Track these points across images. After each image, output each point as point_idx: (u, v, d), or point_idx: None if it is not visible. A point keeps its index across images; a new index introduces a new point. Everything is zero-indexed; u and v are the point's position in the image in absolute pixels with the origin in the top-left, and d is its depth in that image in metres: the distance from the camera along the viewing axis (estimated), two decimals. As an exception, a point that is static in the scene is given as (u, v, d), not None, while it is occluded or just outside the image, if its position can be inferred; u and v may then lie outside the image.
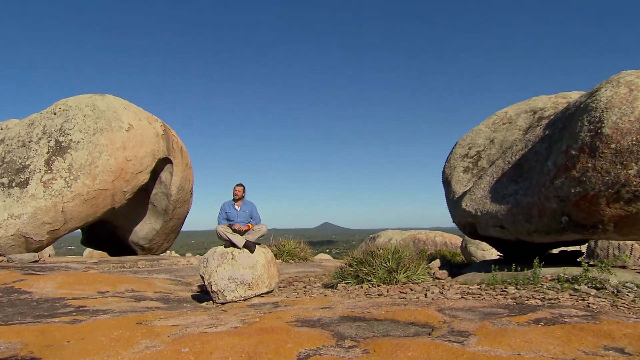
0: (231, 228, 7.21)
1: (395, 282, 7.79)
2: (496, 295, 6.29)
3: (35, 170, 13.21)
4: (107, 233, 17.48)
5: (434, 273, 9.19)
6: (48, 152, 13.54)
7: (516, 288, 6.68)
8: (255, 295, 6.87)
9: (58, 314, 5.62)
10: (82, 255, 25.63)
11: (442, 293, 6.70)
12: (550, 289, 6.40)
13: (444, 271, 9.55)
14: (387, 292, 7.14)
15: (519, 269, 7.69)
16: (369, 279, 7.94)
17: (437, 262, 12.23)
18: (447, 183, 10.69)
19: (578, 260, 9.18)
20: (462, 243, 20.35)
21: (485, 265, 9.18)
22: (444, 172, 11.11)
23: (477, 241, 16.10)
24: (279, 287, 8.77)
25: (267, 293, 7.11)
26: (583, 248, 14.12)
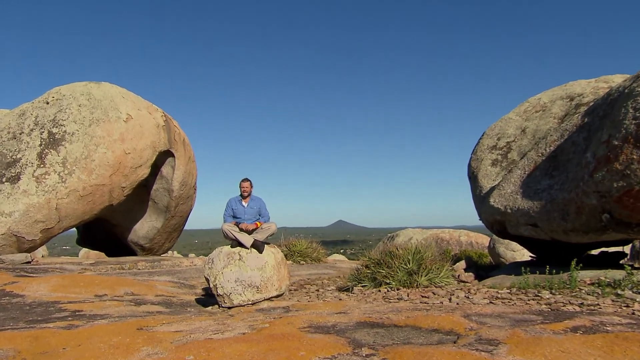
0: (238, 226, 7.24)
1: (417, 285, 7.78)
2: (528, 300, 6.23)
3: (27, 165, 13.38)
4: (105, 232, 17.68)
5: (458, 276, 9.15)
6: (40, 145, 13.70)
7: (551, 293, 6.61)
8: (265, 299, 6.90)
9: (52, 318, 5.70)
10: (78, 256, 26.07)
11: (468, 297, 6.66)
12: (589, 294, 6.32)
13: (470, 274, 9.50)
14: (408, 296, 7.12)
15: (553, 271, 7.61)
16: (388, 281, 7.93)
17: (462, 264, 12.16)
18: (473, 177, 10.62)
19: (621, 262, 9.05)
20: (489, 243, 20.20)
21: (516, 268, 9.11)
22: (469, 165, 11.03)
23: (507, 241, 15.96)
24: (290, 290, 8.79)
25: (277, 297, 7.13)
26: (626, 249, 13.92)
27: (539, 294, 6.52)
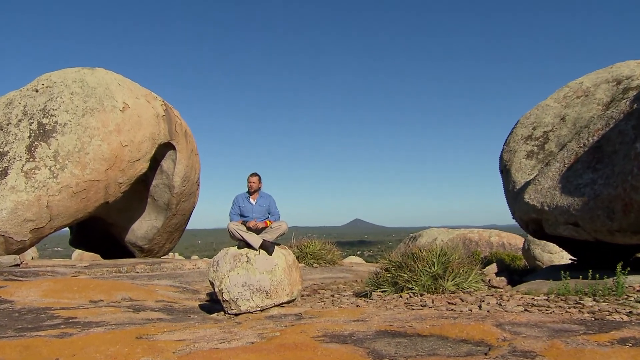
0: (245, 225, 7.25)
1: (442, 290, 7.75)
2: (569, 308, 6.17)
3: (15, 158, 13.53)
4: (100, 232, 17.87)
5: (489, 280, 9.10)
6: (30, 137, 13.85)
7: (594, 300, 6.54)
8: (275, 305, 6.91)
9: (44, 326, 5.78)
10: (71, 258, 26.39)
11: (500, 304, 6.62)
12: (639, 302, 6.24)
13: (502, 278, 9.45)
14: (432, 302, 7.10)
15: (597, 276, 7.52)
16: (410, 286, 7.91)
17: (493, 267, 12.09)
18: (505, 171, 10.54)
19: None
20: (524, 244, 20.02)
21: (554, 272, 9.03)
22: (501, 157, 10.95)
23: (543, 242, 15.79)
24: (302, 295, 8.80)
25: (288, 302, 7.15)
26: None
27: (581, 301, 6.45)
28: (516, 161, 10.29)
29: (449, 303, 7.02)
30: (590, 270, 7.81)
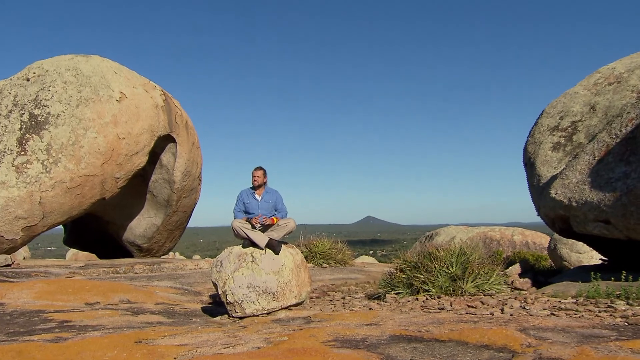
0: (251, 223, 7.26)
1: (461, 293, 7.75)
2: (599, 312, 6.14)
3: (5, 152, 13.62)
4: (96, 230, 17.98)
5: (512, 282, 9.08)
6: (21, 129, 13.94)
7: (627, 303, 6.50)
8: (282, 308, 6.93)
9: (37, 330, 5.82)
10: (65, 258, 26.60)
11: (524, 308, 6.60)
12: (674, 305, 6.19)
13: (526, 279, 9.42)
14: (451, 305, 7.10)
15: (630, 278, 7.47)
16: (427, 288, 7.91)
17: (516, 268, 12.04)
18: (530, 164, 10.49)
19: None
20: (549, 243, 19.90)
21: (583, 273, 8.99)
22: (525, 150, 10.90)
23: (571, 241, 15.70)
24: (311, 298, 8.81)
25: (296, 305, 7.16)
26: None
27: (613, 305, 6.42)
28: (541, 154, 10.23)
29: (469, 306, 7.01)
30: (623, 272, 7.76)
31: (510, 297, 7.51)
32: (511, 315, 6.13)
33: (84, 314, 6.86)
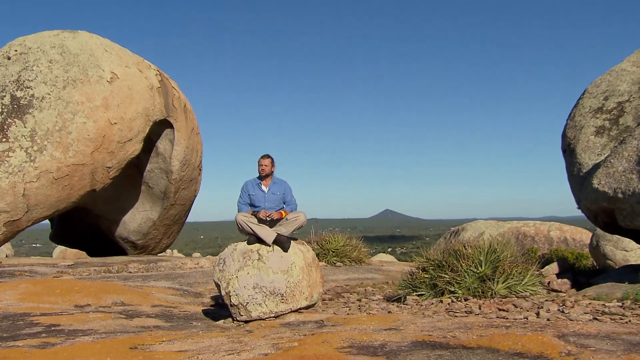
0: (257, 216, 7.27)
1: (491, 294, 7.74)
2: (648, 316, 6.10)
3: (-13, 139, 13.72)
4: (86, 225, 18.10)
5: (549, 283, 9.05)
6: (1, 113, 14.00)
7: (680, 306, 6.45)
8: (291, 311, 6.95)
9: (22, 335, 5.88)
10: (52, 256, 26.87)
11: (562, 312, 6.58)
12: None
13: (565, 280, 9.37)
14: (480, 308, 7.09)
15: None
16: (452, 289, 7.91)
17: (553, 267, 11.97)
18: (569, 151, 10.42)
19: None
20: (591, 240, 19.78)
21: (630, 273, 8.94)
22: (564, 135, 10.82)
23: (616, 237, 15.60)
24: (324, 299, 8.83)
25: (307, 308, 7.18)
26: None
27: (663, 309, 6.38)
28: (583, 139, 10.15)
29: (500, 309, 6.99)
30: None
31: (546, 300, 7.48)
32: (548, 319, 6.11)
33: (74, 317, 6.92)
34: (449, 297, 7.79)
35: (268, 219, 7.27)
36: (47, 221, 16.89)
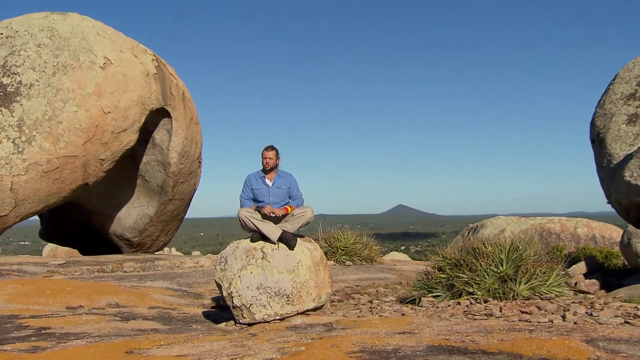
0: (260, 212, 7.27)
1: (513, 296, 7.73)
2: (684, 319, 6.08)
3: (-28, 129, 13.77)
4: (78, 221, 18.18)
5: (576, 284, 9.03)
6: (-11, 102, 14.07)
7: None
8: (298, 313, 6.95)
9: (10, 339, 5.90)
10: (42, 254, 26.98)
11: (591, 315, 6.56)
12: None
13: (594, 281, 9.35)
14: (500, 311, 7.08)
15: None
16: (471, 290, 7.91)
17: (580, 267, 11.96)
18: (598, 141, 10.37)
19: None
20: (622, 237, 19.67)
21: (663, 273, 8.90)
22: (593, 123, 10.77)
23: (649, 234, 15.50)
24: (332, 301, 8.83)
25: (314, 310, 7.18)
26: None
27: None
28: (613, 128, 10.11)
29: (523, 312, 6.98)
30: None
31: (573, 302, 7.45)
32: (575, 323, 6.09)
33: (65, 319, 6.95)
34: (467, 299, 7.78)
35: (272, 214, 7.27)
36: (36, 217, 16.97)
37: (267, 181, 7.52)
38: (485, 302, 7.62)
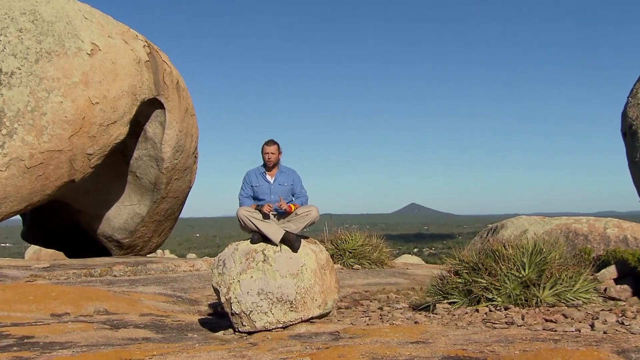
0: (261, 210, 7.26)
1: (536, 302, 7.72)
2: None
3: (-50, 122, 13.81)
4: (63, 221, 18.22)
5: (605, 289, 9.00)
6: (-33, 92, 14.10)
7: None
8: (302, 321, 6.95)
9: (-8, 347, 5.93)
10: (24, 257, 27.06)
11: (622, 323, 6.55)
12: None
13: (625, 287, 9.32)
14: (522, 319, 7.07)
15: None
16: (490, 296, 7.90)
17: (610, 272, 11.90)
18: (630, 134, 10.34)
19: None
20: (655, 239, 19.67)
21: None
22: (625, 115, 10.73)
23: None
24: (339, 307, 8.83)
25: (320, 317, 7.18)
26: None
27: None
28: (646, 119, 10.08)
29: (547, 320, 6.97)
30: None
31: (603, 309, 7.44)
32: (605, 332, 6.08)
33: (50, 327, 6.96)
34: (486, 306, 7.77)
35: (274, 213, 7.26)
36: (18, 217, 17.01)
37: (269, 177, 7.50)
38: (506, 309, 7.61)
